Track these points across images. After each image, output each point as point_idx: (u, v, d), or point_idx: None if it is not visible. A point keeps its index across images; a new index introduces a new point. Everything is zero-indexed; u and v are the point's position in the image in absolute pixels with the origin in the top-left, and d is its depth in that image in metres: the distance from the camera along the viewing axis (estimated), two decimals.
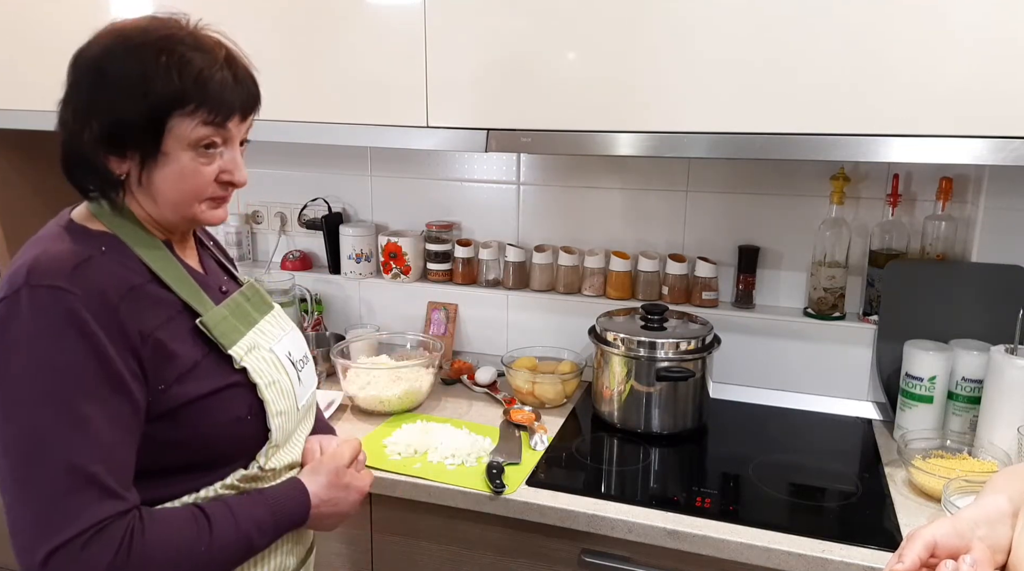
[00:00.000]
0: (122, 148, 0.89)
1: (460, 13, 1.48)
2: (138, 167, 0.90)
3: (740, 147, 1.38)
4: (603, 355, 1.64)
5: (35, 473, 0.81)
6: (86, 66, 0.90)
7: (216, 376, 0.93)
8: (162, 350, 0.89)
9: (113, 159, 0.90)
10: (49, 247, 0.87)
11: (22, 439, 0.82)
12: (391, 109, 1.57)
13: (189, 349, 0.92)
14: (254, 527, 0.94)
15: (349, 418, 1.68)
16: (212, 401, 0.92)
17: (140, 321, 0.87)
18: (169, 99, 0.88)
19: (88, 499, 0.82)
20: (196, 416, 0.91)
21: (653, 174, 1.84)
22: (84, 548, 0.81)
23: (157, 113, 0.87)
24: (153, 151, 0.89)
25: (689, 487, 1.40)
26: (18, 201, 1.99)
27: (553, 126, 1.47)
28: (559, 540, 1.37)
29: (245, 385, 0.96)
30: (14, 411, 0.82)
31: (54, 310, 0.82)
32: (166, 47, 0.88)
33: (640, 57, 1.39)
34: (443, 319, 2.03)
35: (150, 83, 0.87)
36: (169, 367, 0.89)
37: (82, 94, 0.89)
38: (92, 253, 0.88)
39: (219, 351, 0.94)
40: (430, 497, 1.41)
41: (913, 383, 1.52)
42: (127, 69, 0.87)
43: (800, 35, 1.30)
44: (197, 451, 0.93)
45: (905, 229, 1.68)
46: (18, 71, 1.81)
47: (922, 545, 0.89)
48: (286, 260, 2.14)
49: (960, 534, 0.90)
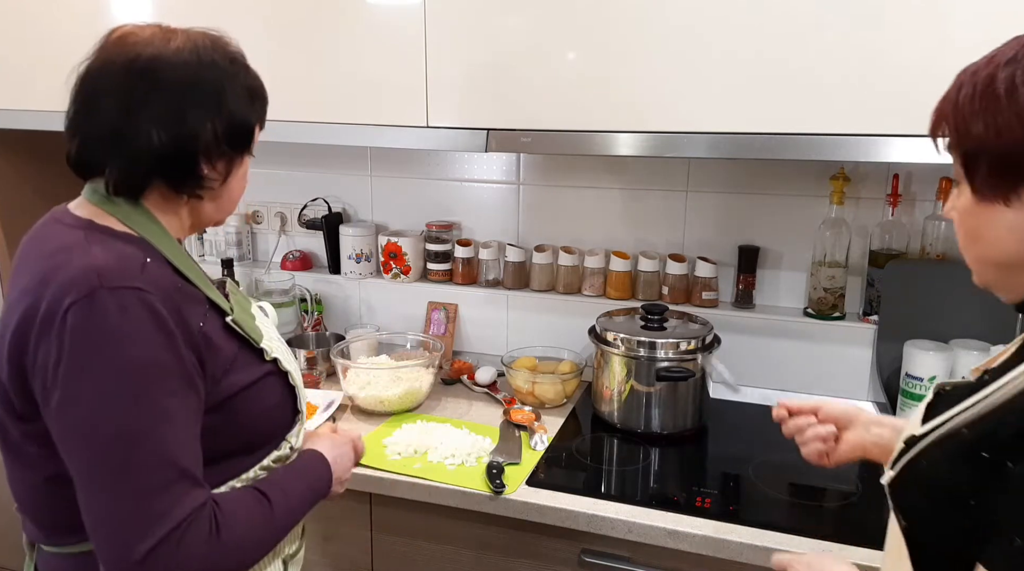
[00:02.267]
0: (232, 148, 0.97)
1: (460, 13, 1.48)
2: (226, 168, 0.98)
3: (740, 147, 1.38)
4: (603, 355, 1.64)
5: (129, 468, 0.83)
6: (203, 72, 0.94)
7: (253, 368, 0.99)
8: (211, 345, 0.93)
9: (216, 161, 0.96)
10: (96, 250, 0.88)
11: (114, 435, 0.83)
12: (391, 109, 1.57)
13: (226, 344, 0.96)
14: (297, 498, 1.01)
15: (349, 418, 1.68)
16: (253, 391, 0.98)
17: (192, 316, 0.91)
18: (264, 103, 1.01)
19: (180, 492, 0.85)
20: (241, 405, 0.96)
21: (653, 174, 1.84)
22: (181, 541, 0.84)
23: (259, 115, 1.00)
24: (244, 152, 0.99)
25: (689, 487, 1.40)
26: (18, 201, 1.99)
27: (553, 126, 1.47)
28: (559, 540, 1.37)
29: (276, 373, 1.02)
30: (105, 408, 0.84)
31: (139, 309, 0.85)
32: (244, 62, 1.00)
33: (640, 57, 1.39)
34: (443, 319, 2.03)
35: (256, 92, 1.00)
36: (218, 360, 0.93)
37: (204, 98, 0.93)
38: (146, 255, 0.91)
39: (249, 345, 0.99)
40: (430, 497, 1.41)
41: (913, 383, 1.52)
42: (239, 79, 0.97)
43: (800, 35, 1.30)
44: (242, 438, 0.99)
45: (905, 229, 1.68)
46: (18, 71, 1.82)
47: (813, 402, 1.14)
48: (286, 260, 2.14)
49: (849, 416, 1.10)
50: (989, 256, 0.76)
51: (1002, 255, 0.74)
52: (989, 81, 0.71)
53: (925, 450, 0.78)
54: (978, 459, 0.71)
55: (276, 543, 0.99)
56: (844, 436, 1.09)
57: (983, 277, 0.79)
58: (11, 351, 0.88)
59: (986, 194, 0.72)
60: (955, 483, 0.73)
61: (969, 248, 0.78)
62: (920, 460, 0.79)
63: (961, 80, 0.75)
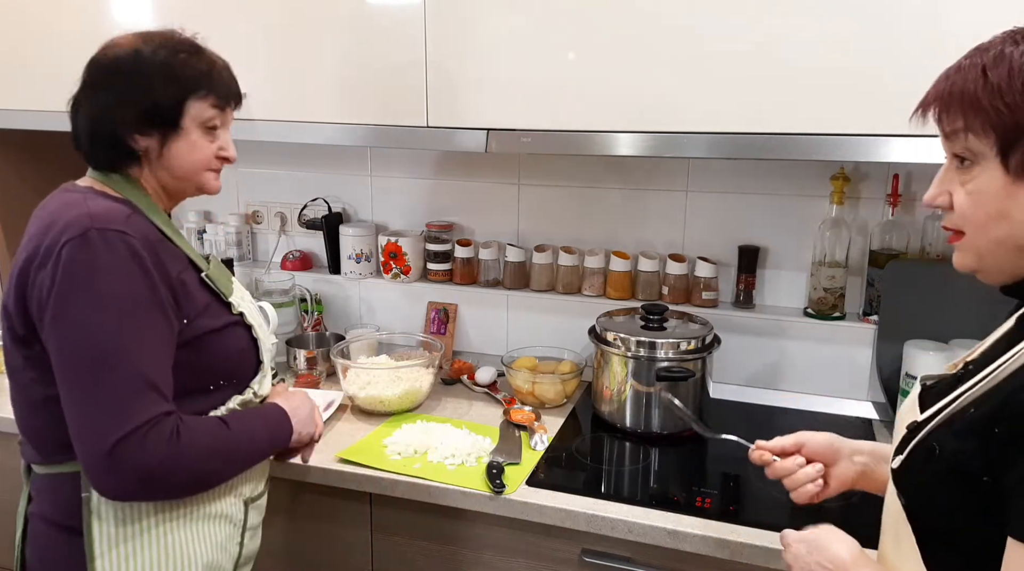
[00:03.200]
0: (151, 125, 1.10)
1: (460, 13, 1.48)
2: (159, 142, 1.11)
3: (740, 147, 1.38)
4: (603, 355, 1.64)
5: (107, 377, 1.00)
6: (119, 62, 1.10)
7: (221, 317, 1.16)
8: (185, 289, 1.10)
9: (139, 136, 1.10)
10: (91, 203, 1.06)
11: (98, 350, 1.00)
12: (391, 109, 1.57)
13: (200, 294, 1.14)
14: (255, 432, 1.18)
15: (349, 418, 1.68)
16: (220, 335, 1.15)
17: (170, 264, 1.09)
18: (191, 85, 1.11)
19: (148, 400, 1.02)
20: (209, 346, 1.13)
21: (653, 174, 1.84)
22: (145, 437, 1.00)
23: (182, 95, 1.10)
24: (174, 127, 1.11)
25: (689, 487, 1.40)
26: (18, 201, 1.98)
27: (553, 126, 1.47)
28: (559, 540, 1.37)
29: (242, 325, 1.19)
30: (88, 326, 1.00)
31: (121, 248, 1.03)
32: (182, 48, 1.12)
33: (640, 57, 1.39)
34: (443, 319, 2.03)
35: (177, 73, 1.10)
36: (191, 304, 1.11)
37: (118, 83, 1.09)
38: (130, 210, 1.09)
39: (219, 299, 1.17)
40: (430, 497, 1.41)
41: (913, 383, 1.52)
42: (157, 63, 1.09)
43: (800, 35, 1.30)
44: (209, 375, 1.15)
45: (905, 229, 1.68)
46: (18, 71, 1.82)
47: (793, 439, 1.08)
48: (286, 260, 2.14)
49: (834, 449, 1.06)
50: (1014, 237, 0.75)
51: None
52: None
53: (933, 431, 0.80)
54: (991, 434, 0.72)
55: (234, 468, 1.15)
56: (831, 472, 1.05)
57: (985, 260, 0.79)
58: (17, 283, 1.06)
59: (1022, 174, 0.72)
60: (967, 460, 0.74)
61: (990, 230, 0.76)
62: (928, 442, 0.80)
63: (982, 61, 0.75)
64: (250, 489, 1.23)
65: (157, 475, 1.02)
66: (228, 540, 1.19)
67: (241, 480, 1.20)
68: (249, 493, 1.23)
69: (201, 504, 1.15)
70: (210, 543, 1.16)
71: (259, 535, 1.30)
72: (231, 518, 1.19)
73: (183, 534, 1.13)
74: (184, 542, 1.13)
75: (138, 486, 1.03)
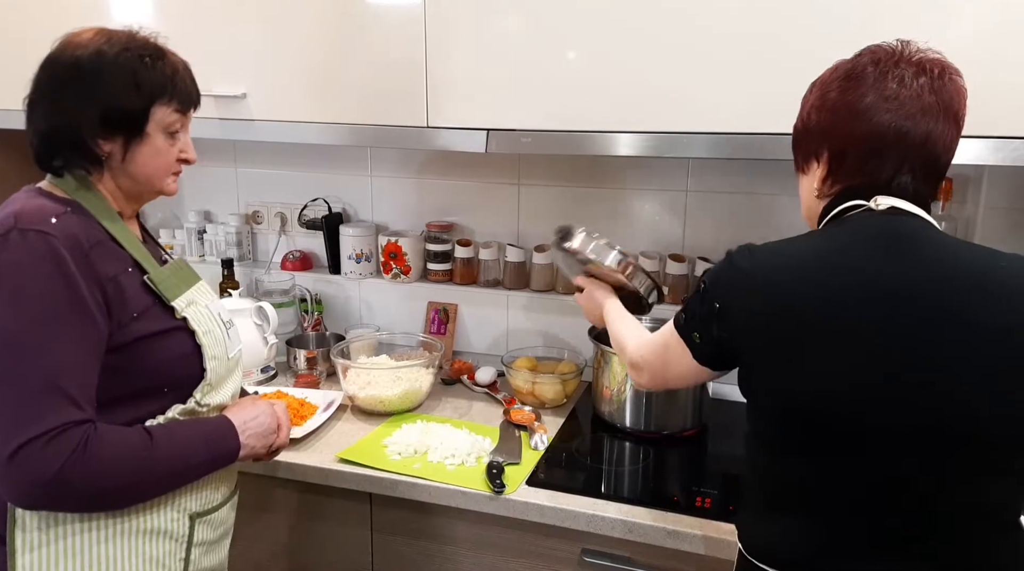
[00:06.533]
0: (114, 130, 1.08)
1: (460, 13, 1.48)
2: (122, 147, 1.09)
3: (740, 147, 1.38)
4: (603, 355, 1.64)
5: (12, 381, 0.97)
6: (81, 62, 1.07)
7: (163, 321, 1.11)
8: (121, 293, 1.06)
9: (101, 141, 1.08)
10: (27, 203, 1.05)
11: (6, 349, 0.98)
12: (391, 109, 1.57)
13: (141, 296, 1.10)
14: (185, 446, 1.10)
15: (349, 418, 1.69)
16: (160, 340, 1.10)
17: (105, 266, 1.05)
18: (156, 91, 1.09)
19: (54, 405, 0.98)
20: (145, 351, 1.08)
21: (653, 174, 1.84)
22: (47, 445, 0.96)
23: (147, 103, 1.08)
24: (139, 133, 1.09)
25: (689, 487, 1.40)
26: None
27: (553, 126, 1.47)
28: (559, 540, 1.37)
29: (186, 331, 1.14)
30: (1, 325, 0.98)
31: (40, 249, 1.00)
32: (146, 51, 1.10)
33: (640, 57, 1.39)
34: (443, 319, 2.03)
35: (141, 79, 1.08)
36: (127, 307, 1.07)
37: (80, 85, 1.06)
38: (64, 210, 1.06)
39: (163, 303, 1.12)
40: (430, 497, 1.41)
41: None
42: (122, 66, 1.07)
43: (800, 35, 1.30)
44: (145, 381, 1.10)
45: None
46: (18, 71, 1.81)
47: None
48: (286, 260, 2.14)
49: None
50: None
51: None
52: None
53: None
54: None
55: (161, 484, 1.09)
56: None
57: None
58: None
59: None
60: None
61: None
62: None
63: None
64: (198, 503, 1.16)
65: (57, 485, 0.97)
66: (168, 556, 1.13)
67: (184, 493, 1.14)
68: (197, 507, 1.16)
69: (133, 517, 1.09)
70: (143, 558, 1.10)
71: (220, 550, 1.23)
72: (171, 533, 1.13)
73: (112, 547, 1.07)
74: (113, 556, 1.07)
75: (39, 495, 0.98)
